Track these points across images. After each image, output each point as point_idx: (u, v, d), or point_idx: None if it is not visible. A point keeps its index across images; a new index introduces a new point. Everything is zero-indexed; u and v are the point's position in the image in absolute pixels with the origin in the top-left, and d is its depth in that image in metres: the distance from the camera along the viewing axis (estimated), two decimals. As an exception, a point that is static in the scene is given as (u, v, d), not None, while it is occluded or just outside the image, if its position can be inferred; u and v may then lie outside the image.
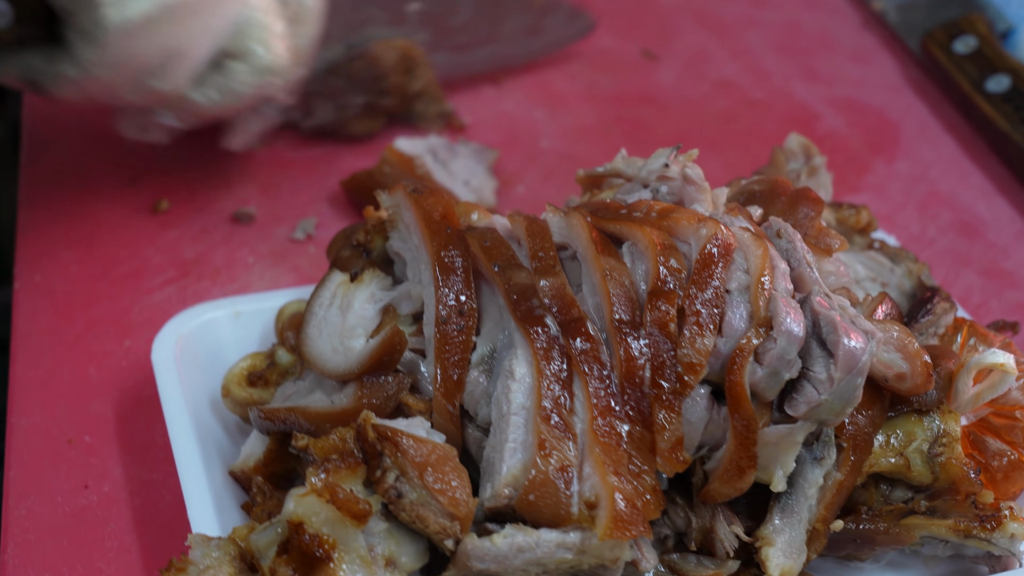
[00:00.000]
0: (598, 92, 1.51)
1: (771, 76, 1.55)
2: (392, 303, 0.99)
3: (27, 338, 1.17)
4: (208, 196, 1.33)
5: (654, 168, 1.00)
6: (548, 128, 1.45)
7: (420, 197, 0.98)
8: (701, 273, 0.89)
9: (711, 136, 1.45)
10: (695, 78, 1.54)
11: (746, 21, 1.64)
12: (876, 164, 1.42)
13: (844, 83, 1.55)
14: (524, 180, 1.37)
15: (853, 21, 1.65)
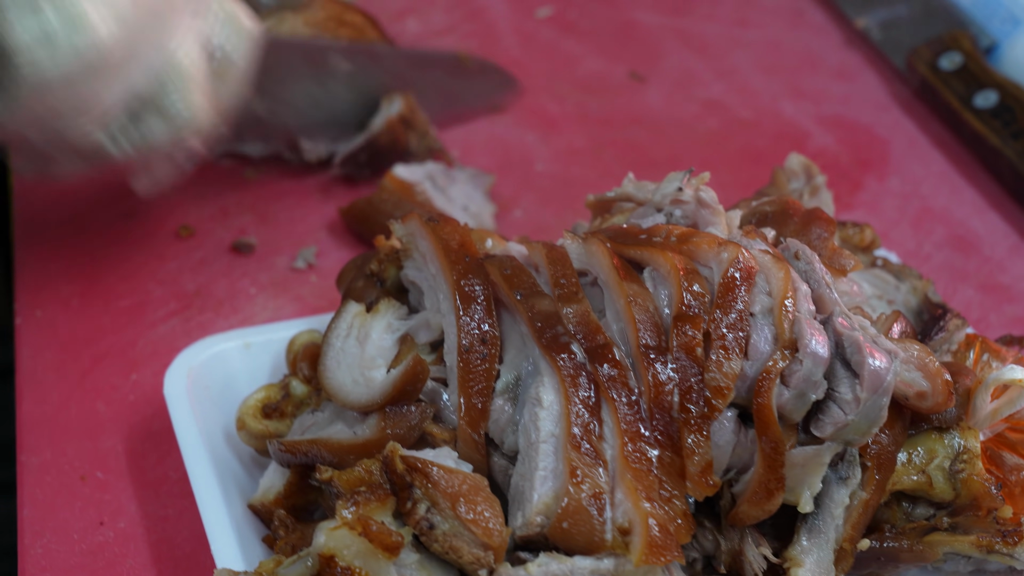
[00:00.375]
0: (588, 114, 1.51)
1: (758, 95, 1.56)
2: (409, 332, 0.99)
3: (32, 374, 1.16)
4: (206, 227, 1.32)
5: (667, 192, 1.01)
6: (541, 152, 1.46)
7: (436, 226, 0.98)
8: (725, 297, 0.90)
9: (704, 156, 1.46)
10: (683, 99, 1.55)
11: (730, 41, 1.65)
12: (868, 181, 1.44)
13: (831, 101, 1.56)
14: (521, 204, 1.38)
15: (836, 39, 1.66)
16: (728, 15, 1.70)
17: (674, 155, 1.46)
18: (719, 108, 1.54)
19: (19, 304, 1.23)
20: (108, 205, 1.35)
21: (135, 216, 1.33)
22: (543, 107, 1.52)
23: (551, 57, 1.61)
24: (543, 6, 1.70)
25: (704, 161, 1.45)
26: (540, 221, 1.36)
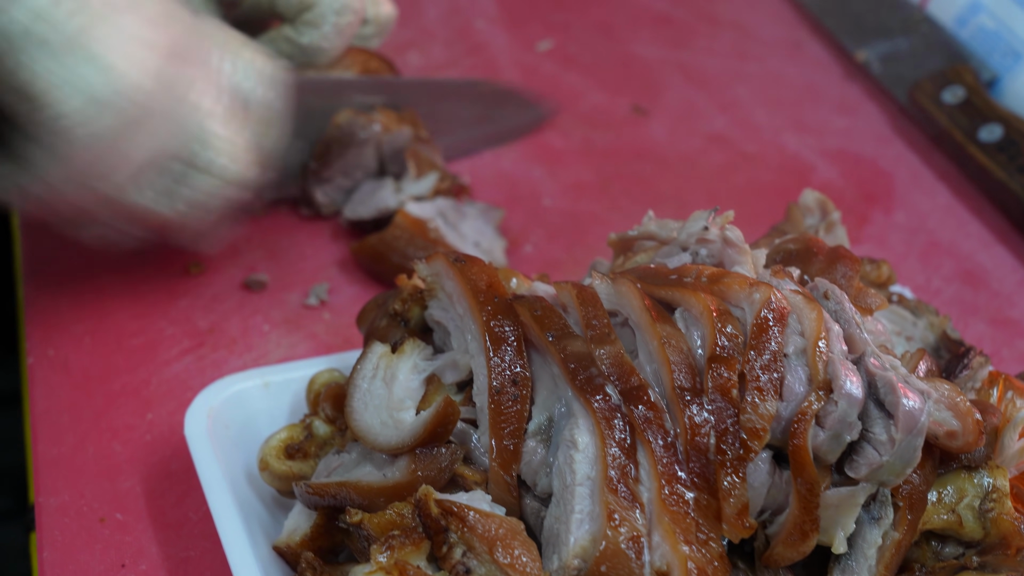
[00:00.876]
0: (594, 148, 1.52)
1: (761, 129, 1.57)
2: (436, 372, 0.99)
3: (47, 415, 1.15)
4: (216, 263, 1.32)
5: (693, 231, 1.01)
6: (548, 186, 1.46)
7: (463, 267, 0.98)
8: (758, 338, 0.90)
9: (710, 191, 1.46)
10: (687, 133, 1.55)
11: (730, 74, 1.66)
12: (874, 215, 1.44)
13: (833, 134, 1.56)
14: (530, 239, 1.38)
15: (836, 72, 1.67)
16: (727, 48, 1.71)
17: (680, 189, 1.46)
18: (723, 142, 1.55)
19: (31, 343, 1.22)
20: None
21: (144, 251, 1.32)
22: (548, 141, 1.52)
23: (554, 90, 1.61)
24: (543, 39, 1.70)
25: (711, 195, 1.45)
26: (551, 256, 1.36)
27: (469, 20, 1.72)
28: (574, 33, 1.72)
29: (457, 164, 1.45)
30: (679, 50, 1.70)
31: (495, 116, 1.50)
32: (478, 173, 1.46)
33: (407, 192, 1.33)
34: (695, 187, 1.47)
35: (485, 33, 1.70)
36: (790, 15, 1.76)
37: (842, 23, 1.69)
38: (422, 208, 1.31)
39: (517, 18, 1.73)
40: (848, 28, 1.68)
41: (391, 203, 1.32)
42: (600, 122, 1.56)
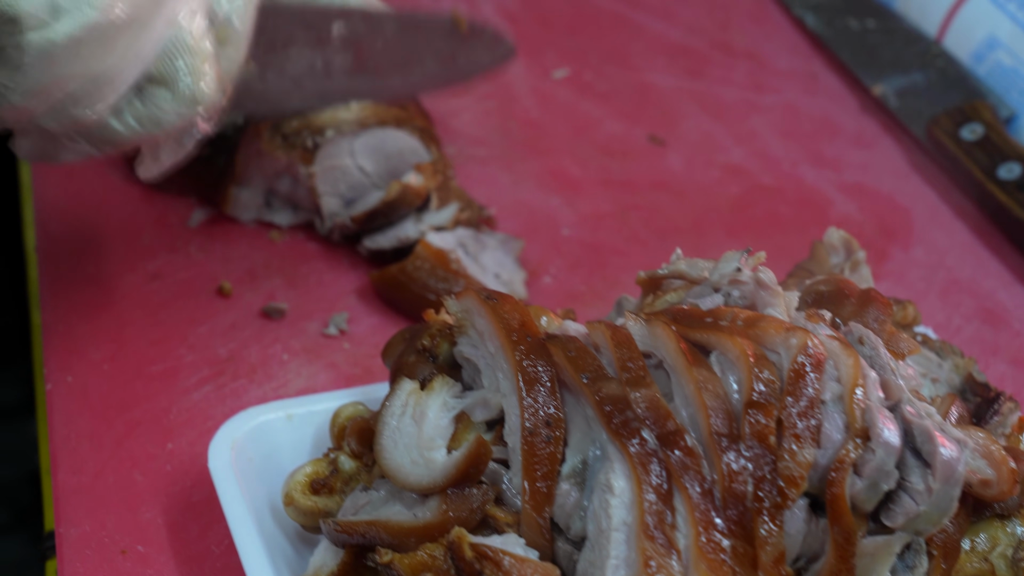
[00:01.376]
0: (611, 178, 1.51)
1: (778, 161, 1.56)
2: (465, 410, 0.98)
3: (66, 442, 1.15)
4: (235, 290, 1.31)
5: (726, 272, 1.00)
6: (566, 216, 1.45)
7: (495, 305, 0.97)
8: (795, 384, 0.89)
9: (727, 223, 1.46)
10: (704, 164, 1.55)
11: (747, 106, 1.66)
12: (893, 251, 1.44)
13: (851, 168, 1.56)
14: (549, 270, 1.37)
15: (852, 106, 1.67)
16: (742, 79, 1.71)
17: (698, 222, 1.46)
18: (740, 173, 1.54)
19: (48, 368, 1.21)
20: (134, 264, 1.33)
21: (161, 277, 1.32)
22: (566, 170, 1.52)
23: (570, 119, 1.61)
24: (559, 67, 1.70)
25: (729, 228, 1.45)
26: (570, 288, 1.35)
27: (485, 46, 1.72)
28: (589, 61, 1.71)
29: (474, 190, 1.44)
30: (695, 80, 1.70)
31: (462, 53, 1.44)
32: (495, 201, 1.45)
33: (427, 222, 1.33)
34: (713, 219, 1.46)
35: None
36: (805, 47, 1.76)
37: (858, 56, 1.69)
38: (443, 239, 1.30)
39: (532, 45, 1.73)
40: (864, 61, 1.68)
41: (412, 233, 1.32)
42: (617, 151, 1.56)
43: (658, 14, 1.82)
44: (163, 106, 1.07)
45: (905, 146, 1.60)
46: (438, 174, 1.34)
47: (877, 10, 1.73)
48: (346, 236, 1.34)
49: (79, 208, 1.40)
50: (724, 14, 1.82)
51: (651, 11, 1.82)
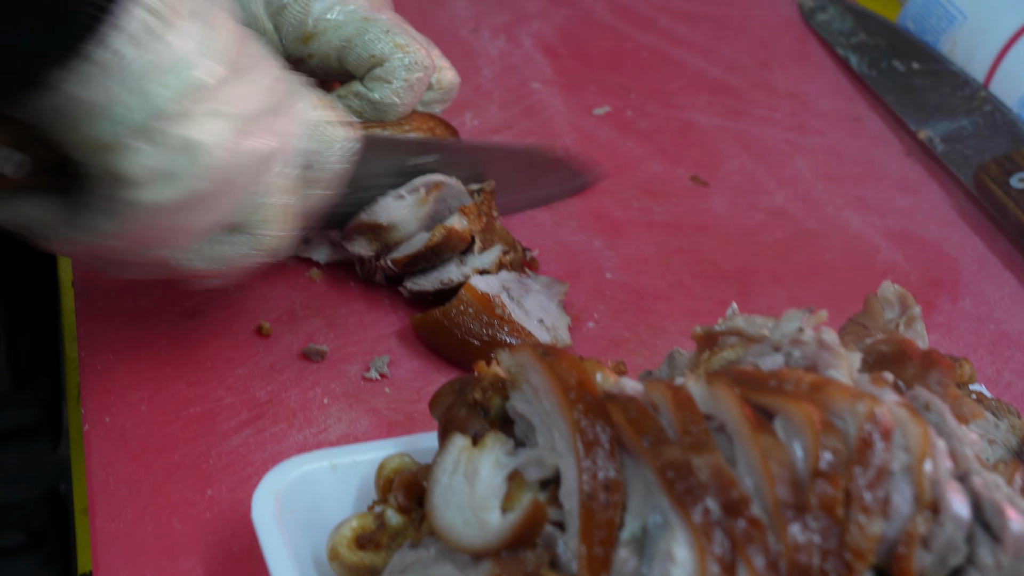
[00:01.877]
0: (654, 220, 1.49)
1: (823, 205, 1.54)
2: (519, 468, 0.96)
3: (105, 486, 1.13)
4: (274, 330, 1.29)
5: (787, 332, 0.98)
6: (609, 259, 1.43)
7: (553, 362, 0.95)
8: (863, 453, 0.87)
9: (772, 269, 1.44)
10: (747, 206, 1.53)
11: (790, 147, 1.64)
12: (940, 302, 1.42)
13: (896, 214, 1.54)
14: (593, 315, 1.35)
15: (897, 150, 1.64)
16: (785, 120, 1.69)
17: (743, 267, 1.44)
18: (784, 217, 1.52)
19: (87, 409, 1.19)
20: (172, 303, 1.31)
21: (200, 315, 1.30)
22: (608, 211, 1.50)
23: (612, 157, 1.59)
24: (599, 103, 1.68)
25: (773, 274, 1.43)
26: (614, 333, 1.33)
27: (525, 81, 1.70)
28: (631, 98, 1.69)
29: (515, 231, 1.42)
30: (737, 119, 1.68)
31: (543, 182, 1.48)
32: (537, 243, 1.43)
33: (471, 265, 1.31)
34: (757, 265, 1.44)
35: (541, 94, 1.68)
36: (849, 88, 1.74)
37: (902, 99, 1.67)
38: (487, 283, 1.28)
39: (573, 81, 1.71)
40: (909, 105, 1.66)
41: (455, 276, 1.30)
42: (659, 192, 1.54)
43: (699, 51, 1.80)
44: (239, 250, 1.11)
45: (951, 193, 1.58)
46: (482, 216, 1.32)
47: (923, 52, 1.70)
48: (388, 278, 1.32)
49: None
50: (766, 52, 1.80)
51: (692, 48, 1.80)
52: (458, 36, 1.77)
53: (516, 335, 1.25)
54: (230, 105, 1.02)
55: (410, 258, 1.29)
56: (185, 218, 1.05)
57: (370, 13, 1.35)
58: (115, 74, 0.96)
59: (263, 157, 1.07)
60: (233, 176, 1.04)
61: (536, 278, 1.33)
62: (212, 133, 1.01)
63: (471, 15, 1.82)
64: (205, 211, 1.05)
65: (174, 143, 0.99)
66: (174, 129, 0.99)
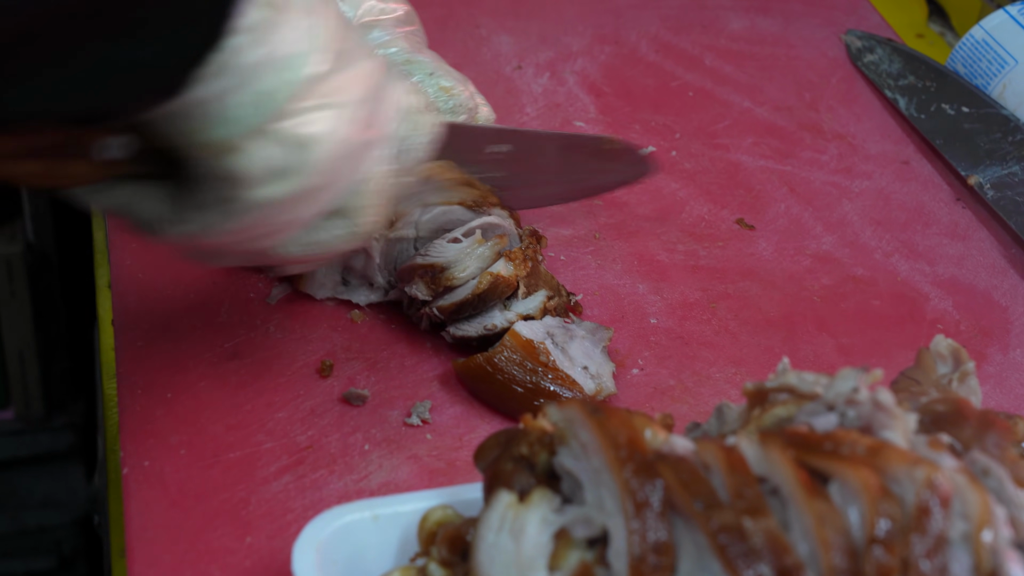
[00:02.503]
0: (699, 264, 1.47)
1: (871, 251, 1.52)
2: (566, 526, 0.94)
3: (143, 532, 1.11)
4: (312, 374, 1.28)
5: (842, 392, 0.96)
6: (654, 304, 1.41)
7: (602, 419, 0.93)
8: (920, 521, 0.85)
9: (820, 316, 1.42)
10: (794, 251, 1.51)
11: (837, 190, 1.61)
12: (991, 353, 1.39)
13: (945, 261, 1.52)
14: (637, 362, 1.33)
15: (947, 195, 1.62)
16: (832, 162, 1.66)
17: (789, 314, 1.42)
18: (831, 263, 1.50)
19: (126, 452, 1.18)
20: (212, 344, 1.30)
21: (239, 356, 1.29)
22: (653, 254, 1.48)
23: (656, 199, 1.57)
24: (644, 143, 1.66)
25: (820, 322, 1.41)
26: (659, 381, 1.31)
27: (569, 120, 1.69)
28: (675, 138, 1.68)
29: (559, 275, 1.41)
30: (783, 161, 1.66)
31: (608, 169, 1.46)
32: (581, 286, 1.41)
33: (515, 310, 1.29)
34: (804, 312, 1.42)
35: (585, 133, 1.66)
36: (897, 132, 1.72)
37: (952, 143, 1.65)
38: (532, 329, 1.26)
39: (617, 120, 1.70)
40: (958, 149, 1.64)
41: (498, 322, 1.28)
42: (705, 236, 1.52)
43: (745, 91, 1.78)
44: (335, 235, 1.09)
45: (1002, 240, 1.55)
46: (528, 261, 1.30)
47: (973, 96, 1.68)
48: (432, 324, 1.31)
49: (156, 280, 1.37)
50: (813, 93, 1.78)
51: (738, 88, 1.78)
52: (501, 73, 1.76)
53: (560, 383, 1.23)
54: (338, 96, 1.01)
55: (456, 305, 1.27)
56: (294, 211, 1.03)
57: (412, 55, 1.34)
58: (232, 73, 0.94)
59: (368, 145, 1.06)
60: (340, 166, 1.03)
61: (580, 323, 1.31)
62: (323, 127, 1.00)
63: (514, 52, 1.80)
64: (313, 203, 1.04)
65: (289, 140, 0.98)
66: (289, 127, 0.98)
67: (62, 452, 2.75)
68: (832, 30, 1.93)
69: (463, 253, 1.28)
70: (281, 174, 0.99)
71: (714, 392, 1.30)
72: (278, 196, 1.00)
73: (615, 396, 1.27)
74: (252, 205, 1.00)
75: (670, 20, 1.92)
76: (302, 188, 1.01)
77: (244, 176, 0.98)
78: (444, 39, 1.80)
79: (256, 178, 0.99)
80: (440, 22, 1.84)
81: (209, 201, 1.01)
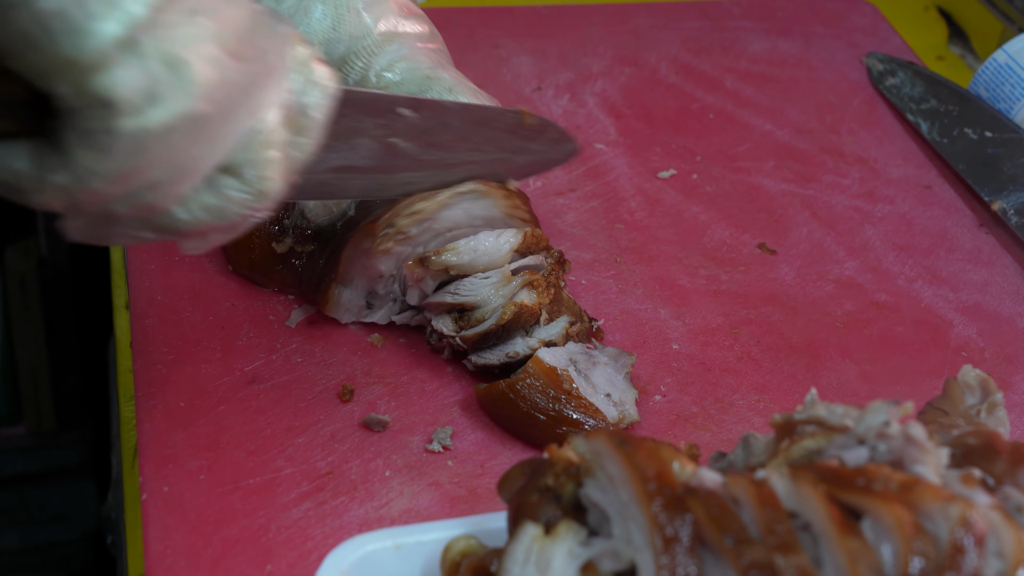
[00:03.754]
0: (721, 289, 1.46)
1: (894, 277, 1.51)
2: (592, 559, 0.93)
3: (163, 559, 1.10)
4: (333, 399, 1.27)
5: (873, 425, 0.95)
6: (676, 329, 1.40)
7: (630, 452, 0.92)
8: (955, 559, 0.84)
9: (843, 342, 1.40)
10: (816, 276, 1.50)
11: (859, 215, 1.60)
12: (1016, 381, 1.38)
13: (969, 288, 1.50)
14: (659, 388, 1.32)
15: (970, 220, 1.61)
16: (854, 186, 1.65)
17: (812, 340, 1.40)
18: (854, 288, 1.49)
19: (145, 478, 1.17)
20: (231, 365, 1.29)
21: (259, 381, 1.28)
22: (674, 279, 1.47)
23: (677, 222, 1.56)
24: (664, 166, 1.65)
25: (843, 348, 1.39)
26: (681, 408, 1.30)
27: (589, 141, 1.68)
28: (696, 161, 1.67)
29: (580, 300, 1.40)
30: (805, 185, 1.65)
31: (528, 148, 1.39)
32: (602, 311, 1.40)
33: (537, 336, 1.28)
34: (827, 338, 1.41)
35: (605, 156, 1.66)
36: (919, 156, 1.71)
37: (974, 168, 1.64)
38: (555, 356, 1.25)
39: (638, 142, 1.69)
40: (981, 174, 1.63)
41: (520, 349, 1.27)
42: (726, 260, 1.51)
43: (766, 114, 1.77)
44: (231, 196, 1.01)
45: (1025, 266, 1.54)
46: (550, 288, 1.29)
47: (996, 121, 1.67)
48: (455, 352, 1.30)
49: (175, 301, 1.36)
50: (834, 116, 1.77)
51: (759, 110, 1.77)
52: (521, 94, 1.75)
53: (583, 411, 1.22)
54: (214, 19, 0.93)
55: (480, 336, 1.26)
56: (177, 149, 0.94)
57: (432, 71, 1.31)
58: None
59: (253, 78, 0.97)
60: (222, 98, 0.94)
61: (603, 349, 1.30)
62: (196, 47, 0.92)
63: (534, 73, 1.80)
64: (196, 141, 0.95)
65: (156, 57, 0.89)
66: (154, 42, 0.89)
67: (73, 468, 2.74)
68: (853, 52, 1.92)
69: (493, 289, 1.26)
70: (156, 97, 0.90)
71: (737, 420, 1.29)
72: (152, 124, 0.91)
73: (638, 424, 1.25)
74: (125, 137, 0.91)
75: (690, 42, 1.91)
76: (179, 116, 0.92)
77: (110, 99, 0.89)
78: (464, 59, 1.79)
79: (124, 101, 0.89)
80: (460, 43, 1.83)
81: (80, 140, 0.91)
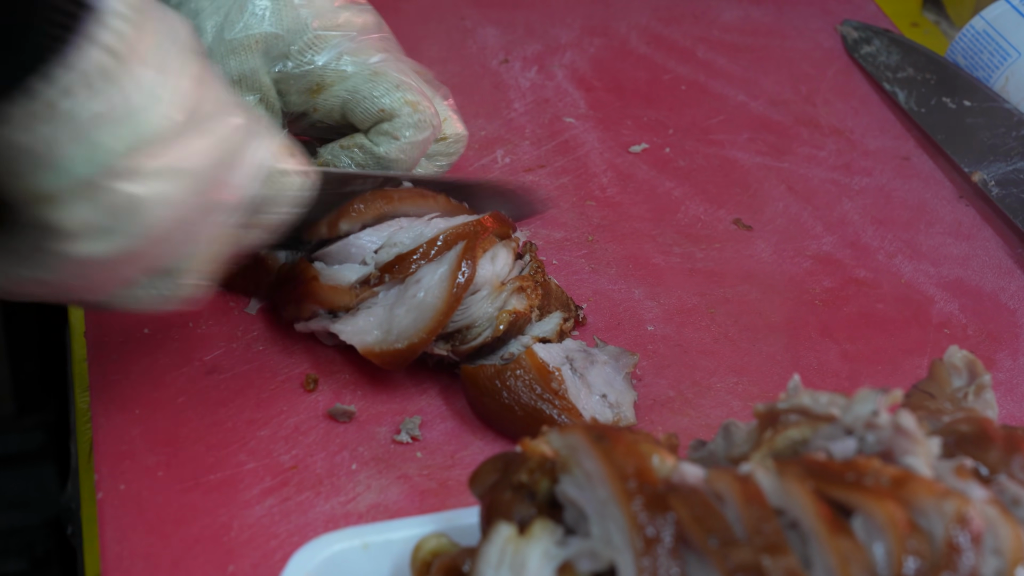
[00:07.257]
0: (696, 267, 1.42)
1: (873, 252, 1.46)
2: (570, 560, 0.88)
3: (120, 562, 1.06)
4: (296, 389, 1.22)
5: (861, 415, 0.90)
6: (651, 310, 1.36)
7: (608, 448, 0.87)
8: (951, 558, 0.80)
9: (823, 321, 1.36)
10: (793, 252, 1.45)
11: (836, 188, 1.56)
12: (1000, 358, 1.34)
13: (950, 262, 1.46)
14: (635, 373, 1.27)
15: (949, 192, 1.57)
16: (831, 158, 1.61)
17: (791, 319, 1.36)
18: (832, 264, 1.45)
19: (100, 475, 1.12)
20: (189, 355, 1.24)
21: (218, 371, 1.23)
22: (648, 257, 1.42)
23: (650, 198, 1.51)
24: (636, 140, 1.60)
25: (824, 326, 1.35)
26: (658, 393, 1.26)
27: (558, 115, 1.63)
28: (669, 134, 1.62)
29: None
30: (780, 158, 1.60)
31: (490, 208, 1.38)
32: (576, 292, 1.36)
33: (530, 333, 1.23)
34: (806, 316, 1.37)
35: (575, 130, 1.61)
36: (897, 127, 1.66)
37: (953, 138, 1.59)
38: (551, 353, 1.20)
39: (608, 116, 1.64)
40: (961, 144, 1.58)
41: (515, 349, 1.22)
42: (701, 237, 1.46)
43: (739, 84, 1.72)
44: (155, 295, 1.04)
45: (1008, 240, 1.50)
46: (538, 286, 1.24)
47: (975, 89, 1.63)
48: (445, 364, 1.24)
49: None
50: (809, 86, 1.73)
51: (732, 81, 1.73)
52: (488, 67, 1.70)
53: (565, 413, 1.16)
54: (182, 160, 0.95)
55: (475, 349, 1.21)
56: (114, 271, 0.98)
57: (380, 66, 1.29)
58: (62, 120, 0.88)
59: (208, 211, 1.00)
60: (172, 232, 0.97)
61: (604, 348, 1.25)
62: (159, 191, 0.94)
63: (501, 45, 1.74)
64: (136, 265, 0.98)
65: (118, 200, 0.92)
66: (120, 185, 0.92)
67: (33, 452, 2.68)
68: (827, 20, 1.87)
69: (484, 304, 1.21)
70: (103, 233, 0.93)
71: (716, 403, 1.25)
72: (96, 255, 0.94)
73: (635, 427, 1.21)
74: (67, 261, 0.95)
75: (661, 10, 1.86)
76: (124, 250, 0.95)
77: (61, 229, 0.92)
78: (427, 32, 1.74)
79: (75, 233, 0.93)
80: (423, 14, 1.78)
81: (23, 250, 0.96)
